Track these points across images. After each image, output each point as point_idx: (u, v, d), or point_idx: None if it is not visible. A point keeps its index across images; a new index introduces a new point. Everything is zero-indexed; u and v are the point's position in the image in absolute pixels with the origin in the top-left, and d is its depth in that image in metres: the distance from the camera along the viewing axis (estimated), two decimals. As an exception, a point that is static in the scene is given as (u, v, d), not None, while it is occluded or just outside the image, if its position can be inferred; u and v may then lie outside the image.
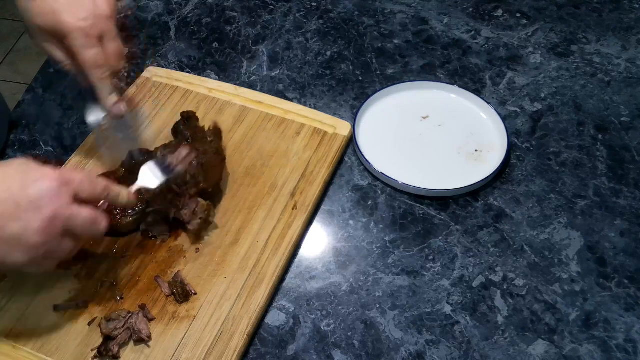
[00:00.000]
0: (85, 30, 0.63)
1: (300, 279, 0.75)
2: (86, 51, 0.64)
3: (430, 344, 0.69)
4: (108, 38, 0.66)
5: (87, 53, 0.64)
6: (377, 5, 1.09)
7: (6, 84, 2.26)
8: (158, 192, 0.75)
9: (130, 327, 0.68)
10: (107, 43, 0.66)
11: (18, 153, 0.90)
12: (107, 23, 0.65)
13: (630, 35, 1.02)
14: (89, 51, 0.64)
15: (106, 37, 0.65)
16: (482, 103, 0.90)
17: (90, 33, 0.63)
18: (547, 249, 0.77)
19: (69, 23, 0.63)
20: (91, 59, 0.65)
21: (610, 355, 0.68)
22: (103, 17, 0.64)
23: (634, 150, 0.86)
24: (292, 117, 0.89)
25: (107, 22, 0.65)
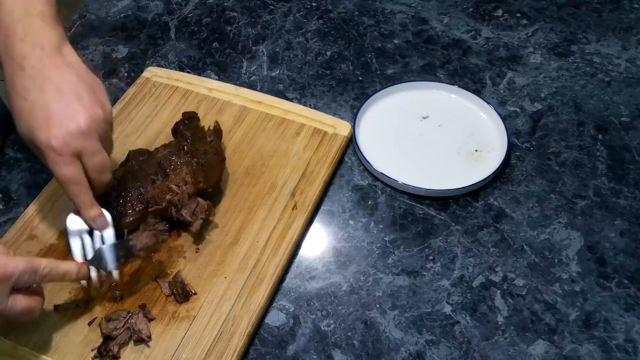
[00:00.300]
0: (56, 148, 0.61)
1: (300, 279, 0.75)
2: (57, 169, 0.63)
3: (430, 344, 0.69)
4: (86, 153, 0.63)
5: (59, 170, 0.63)
6: (377, 5, 1.09)
7: (6, 84, 2.26)
8: (157, 192, 0.75)
9: (130, 327, 0.68)
10: (87, 159, 0.63)
11: (18, 153, 0.90)
12: (84, 139, 0.62)
13: (630, 35, 1.02)
14: (60, 169, 0.62)
15: (84, 153, 0.63)
16: (482, 103, 0.90)
17: (62, 151, 0.61)
18: (547, 249, 0.77)
19: (42, 142, 0.61)
20: (63, 177, 0.63)
21: (610, 355, 0.68)
22: (78, 134, 0.62)
23: (634, 150, 0.86)
24: (292, 117, 0.89)
25: (84, 138, 0.62)
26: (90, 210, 0.66)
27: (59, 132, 0.61)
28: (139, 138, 0.87)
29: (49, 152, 0.62)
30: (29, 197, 0.83)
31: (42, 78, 0.62)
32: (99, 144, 0.64)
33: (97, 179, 0.65)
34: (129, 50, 1.03)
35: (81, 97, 0.63)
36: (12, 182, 0.86)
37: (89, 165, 0.64)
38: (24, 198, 0.84)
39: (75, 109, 0.62)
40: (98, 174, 0.65)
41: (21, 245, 0.76)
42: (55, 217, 0.79)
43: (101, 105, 0.65)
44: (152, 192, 0.75)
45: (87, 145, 0.63)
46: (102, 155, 0.65)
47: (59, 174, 0.63)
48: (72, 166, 0.63)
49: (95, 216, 0.67)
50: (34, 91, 0.62)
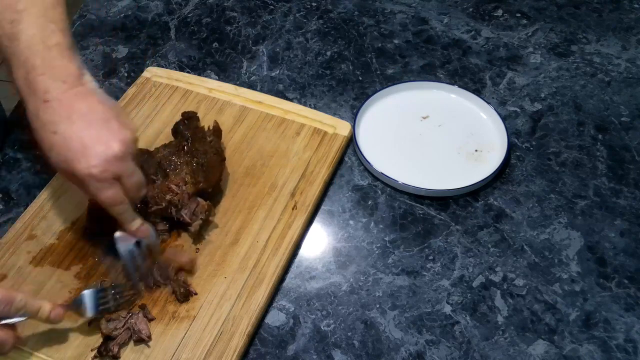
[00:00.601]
0: (97, 176, 0.64)
1: (300, 279, 0.75)
2: (101, 194, 0.65)
3: (430, 344, 0.69)
4: (124, 176, 0.66)
5: (102, 195, 0.65)
6: (377, 5, 1.09)
7: (6, 84, 2.26)
8: (157, 192, 0.75)
9: (130, 327, 0.68)
10: (124, 180, 0.66)
11: (18, 153, 0.90)
12: (120, 163, 0.65)
13: (630, 35, 1.02)
14: (103, 194, 0.65)
15: (122, 175, 0.66)
16: (482, 103, 0.90)
17: (102, 178, 0.64)
18: (547, 249, 0.77)
19: (81, 171, 0.63)
20: (107, 200, 0.66)
21: (610, 355, 0.68)
22: (114, 159, 0.64)
23: (634, 150, 0.86)
24: (292, 117, 0.89)
25: (120, 162, 0.65)
26: (134, 224, 0.69)
27: (96, 160, 0.63)
28: (139, 138, 0.87)
29: (90, 181, 0.64)
30: (29, 197, 0.83)
31: (68, 110, 0.64)
32: (133, 165, 0.67)
33: (135, 196, 0.69)
34: (129, 50, 1.03)
35: (109, 123, 0.65)
36: (12, 182, 0.86)
37: (127, 185, 0.66)
38: (24, 198, 0.84)
39: (108, 136, 0.64)
40: (136, 192, 0.68)
41: (21, 245, 0.76)
42: (55, 217, 0.79)
43: (127, 127, 0.67)
44: (152, 192, 0.75)
45: (124, 169, 0.65)
46: (138, 175, 0.68)
47: (102, 199, 0.65)
48: (112, 189, 0.65)
49: (139, 227, 0.70)
50: (63, 123, 0.64)
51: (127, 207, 0.68)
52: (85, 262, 0.75)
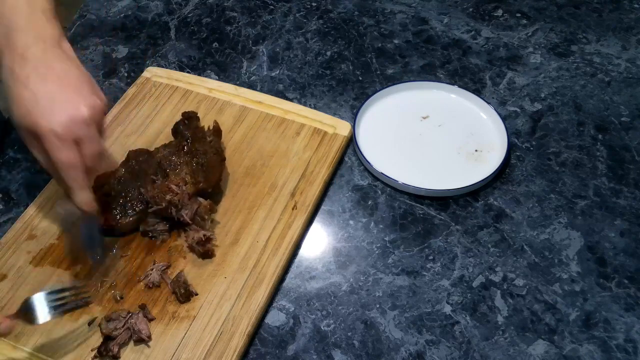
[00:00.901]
0: (58, 134, 0.63)
1: (300, 279, 0.75)
2: (57, 153, 0.64)
3: (430, 344, 0.69)
4: (85, 141, 0.65)
5: (59, 154, 0.64)
6: (377, 5, 1.09)
7: (6, 84, 2.26)
8: (157, 192, 0.75)
9: (130, 327, 0.68)
10: (85, 146, 0.65)
11: (18, 153, 0.90)
12: (85, 127, 0.65)
13: (630, 35, 1.02)
14: (59, 153, 0.64)
15: (83, 140, 0.65)
16: (482, 103, 0.90)
17: (64, 136, 0.63)
18: (547, 249, 0.77)
19: (43, 126, 0.63)
20: (62, 161, 0.65)
21: (610, 355, 0.68)
22: (80, 122, 0.64)
23: (634, 150, 0.86)
24: (292, 117, 0.89)
25: (85, 126, 0.65)
26: (83, 194, 0.68)
27: (62, 118, 0.63)
28: (139, 138, 0.87)
29: (50, 137, 0.63)
30: (29, 197, 0.83)
31: (45, 68, 0.65)
32: (97, 133, 0.67)
33: (92, 166, 0.67)
34: (129, 50, 1.03)
35: (82, 89, 0.66)
36: (12, 182, 0.86)
37: (86, 152, 0.66)
38: (24, 198, 0.84)
39: (78, 99, 0.65)
40: (94, 162, 0.67)
41: (21, 245, 0.76)
42: (55, 217, 0.79)
43: (99, 97, 0.68)
44: (152, 192, 0.75)
45: (87, 133, 0.65)
46: (99, 144, 0.67)
47: (58, 158, 0.64)
48: (71, 151, 0.64)
49: (88, 201, 0.68)
50: (36, 80, 0.64)
51: (81, 174, 0.66)
52: (85, 262, 0.75)
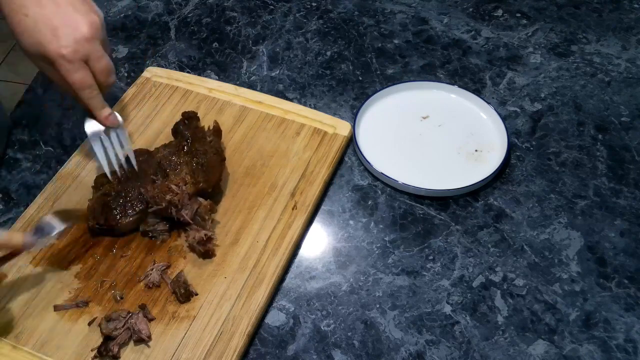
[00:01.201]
0: (67, 56, 0.67)
1: (300, 279, 0.75)
2: (71, 75, 0.68)
3: (430, 344, 0.69)
4: (93, 58, 0.69)
5: (72, 77, 0.68)
6: (377, 5, 1.09)
7: (6, 84, 2.26)
8: (157, 192, 0.75)
9: (130, 327, 0.68)
10: (93, 63, 0.69)
11: (18, 153, 0.90)
12: (89, 45, 0.68)
13: (630, 35, 1.02)
14: (73, 75, 0.68)
15: (91, 58, 0.69)
16: (482, 103, 0.90)
17: (72, 58, 0.67)
18: (547, 249, 0.77)
19: (52, 52, 0.67)
20: (77, 82, 0.69)
21: (610, 355, 0.68)
22: (84, 41, 0.67)
23: (634, 150, 0.86)
24: (292, 117, 0.89)
25: (89, 44, 0.68)
26: (103, 111, 0.73)
27: (67, 41, 0.67)
28: (139, 138, 0.87)
29: (60, 61, 0.67)
30: (29, 197, 0.83)
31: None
32: (101, 48, 0.70)
33: (105, 82, 0.72)
34: (129, 50, 1.03)
35: (76, 7, 0.69)
36: (12, 182, 0.86)
37: (96, 68, 0.70)
38: (24, 198, 0.84)
39: (76, 19, 0.68)
40: (105, 77, 0.71)
41: (21, 245, 0.76)
42: (55, 217, 0.79)
43: (95, 12, 0.71)
44: (151, 192, 0.75)
45: (93, 50, 0.68)
46: (106, 58, 0.70)
47: (72, 80, 0.68)
48: (82, 71, 0.68)
49: (107, 115, 0.73)
50: (33, 7, 0.67)
51: (96, 93, 0.71)
52: (85, 262, 0.75)
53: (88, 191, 0.80)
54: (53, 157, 0.89)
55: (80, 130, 0.91)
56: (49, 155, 0.89)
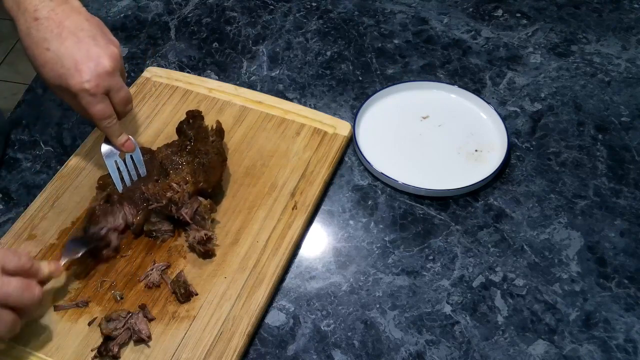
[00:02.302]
0: (90, 90, 0.69)
1: (300, 279, 0.75)
2: (92, 108, 0.70)
3: (430, 344, 0.69)
4: (113, 90, 0.71)
5: (93, 109, 0.71)
6: (377, 5, 1.09)
7: (6, 84, 2.26)
8: (158, 190, 0.75)
9: (130, 327, 0.68)
10: (113, 94, 0.71)
11: (18, 153, 0.90)
12: (110, 79, 0.70)
13: (630, 35, 1.02)
14: (94, 107, 0.70)
15: (112, 90, 0.71)
16: (482, 103, 0.90)
17: (94, 92, 0.69)
18: (547, 249, 0.77)
19: (75, 86, 0.68)
20: (98, 114, 0.71)
21: (610, 355, 0.68)
22: (105, 75, 0.69)
23: (634, 150, 0.86)
24: (292, 117, 0.89)
25: (110, 77, 0.70)
26: (120, 138, 0.75)
27: (89, 76, 0.68)
28: (139, 138, 0.87)
29: (83, 95, 0.69)
30: (29, 197, 0.83)
31: (58, 27, 0.69)
32: (121, 80, 0.72)
33: (123, 111, 0.74)
34: (129, 50, 1.03)
35: (97, 40, 0.70)
36: (12, 182, 0.86)
37: (116, 100, 0.72)
38: (24, 198, 0.84)
39: (98, 52, 0.70)
40: (124, 106, 0.74)
41: (21, 245, 0.76)
42: (55, 217, 0.79)
43: (113, 44, 0.73)
44: (152, 189, 0.75)
45: (113, 83, 0.71)
46: (125, 89, 0.73)
47: (94, 112, 0.71)
48: (103, 103, 0.71)
49: (124, 141, 0.76)
50: (54, 41, 0.68)
51: (115, 121, 0.73)
52: (85, 262, 0.75)
53: (88, 191, 0.81)
54: (53, 157, 0.89)
55: (81, 131, 0.92)
56: (49, 155, 0.89)
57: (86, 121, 0.93)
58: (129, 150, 0.77)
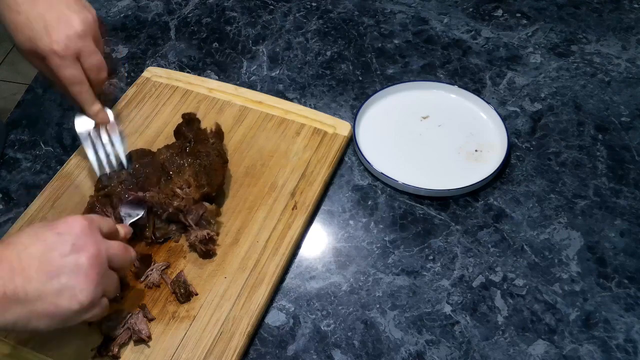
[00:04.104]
0: (59, 52, 0.68)
1: (300, 279, 0.75)
2: (62, 71, 0.69)
3: (430, 344, 0.69)
4: (84, 54, 0.70)
5: (63, 72, 0.70)
6: (377, 5, 1.09)
7: (6, 84, 2.26)
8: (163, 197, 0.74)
9: (130, 327, 0.68)
10: (85, 59, 0.70)
11: (18, 153, 0.90)
12: (81, 41, 0.69)
13: (630, 35, 1.02)
14: (64, 71, 0.69)
15: (82, 54, 0.70)
16: (482, 103, 0.90)
17: (64, 54, 0.68)
18: (547, 249, 0.77)
19: (44, 48, 0.68)
20: (68, 77, 0.70)
21: (610, 355, 0.68)
22: (75, 37, 0.69)
23: (634, 150, 0.86)
24: (292, 117, 0.89)
25: (81, 40, 0.69)
26: (93, 107, 0.74)
27: (58, 37, 0.68)
28: (139, 138, 0.87)
29: (52, 57, 0.68)
30: (29, 197, 0.83)
31: None
32: (93, 45, 0.71)
33: (96, 78, 0.72)
34: (129, 50, 1.03)
35: (69, 5, 0.70)
36: (12, 182, 0.86)
37: (87, 65, 0.71)
38: (24, 198, 0.84)
39: (69, 15, 0.69)
40: (96, 73, 0.72)
41: (21, 245, 0.76)
42: (55, 217, 0.79)
43: (88, 9, 0.72)
44: (157, 197, 0.74)
45: (84, 46, 0.70)
46: (98, 55, 0.71)
47: (63, 76, 0.70)
48: (74, 67, 0.70)
49: (98, 111, 0.74)
50: (26, 4, 0.69)
51: (87, 88, 0.72)
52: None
53: (88, 191, 0.80)
54: (53, 157, 0.89)
55: (80, 130, 0.92)
56: (49, 155, 0.89)
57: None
58: (103, 121, 0.75)
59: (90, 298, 0.57)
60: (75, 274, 0.56)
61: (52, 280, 0.55)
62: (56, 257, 0.56)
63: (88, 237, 0.58)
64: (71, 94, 0.72)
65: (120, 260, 0.62)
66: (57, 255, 0.56)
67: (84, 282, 0.57)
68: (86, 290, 0.57)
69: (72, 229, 0.58)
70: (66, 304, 0.56)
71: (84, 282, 0.57)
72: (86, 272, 0.57)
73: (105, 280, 0.60)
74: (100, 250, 0.59)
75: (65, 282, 0.56)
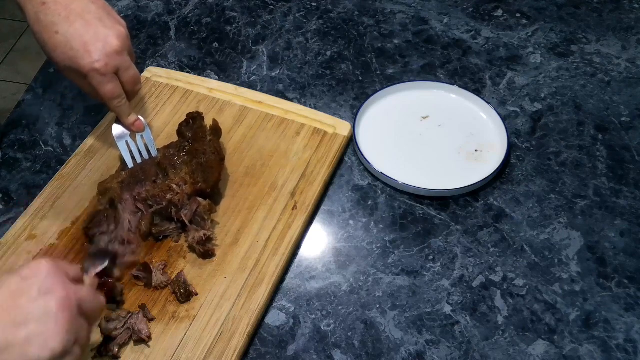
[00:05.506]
0: (100, 70, 0.70)
1: (300, 279, 0.75)
2: (103, 88, 0.72)
3: (430, 344, 0.69)
4: (122, 69, 0.73)
5: (103, 89, 0.72)
6: (377, 5, 1.09)
7: (6, 84, 2.26)
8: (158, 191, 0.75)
9: (130, 327, 0.68)
10: (122, 74, 0.73)
11: (18, 153, 0.90)
12: (119, 57, 0.72)
13: (630, 35, 1.02)
14: (105, 87, 0.72)
15: (121, 69, 0.72)
16: (482, 103, 0.90)
17: (104, 72, 0.71)
18: (547, 249, 0.77)
19: (85, 67, 0.70)
20: (108, 93, 0.73)
21: (610, 355, 0.68)
22: (114, 54, 0.71)
23: (634, 150, 0.86)
24: (292, 117, 0.89)
25: (119, 56, 0.72)
26: (130, 118, 0.78)
27: (98, 56, 0.70)
28: (139, 138, 0.87)
29: (94, 75, 0.71)
30: (29, 197, 0.83)
31: (65, 10, 0.70)
32: (129, 59, 0.74)
33: (132, 90, 0.76)
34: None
35: (104, 21, 0.72)
36: (12, 182, 0.86)
37: (125, 79, 0.74)
38: (24, 198, 0.84)
39: (105, 33, 0.71)
40: (133, 85, 0.75)
41: (21, 245, 0.76)
42: (55, 217, 0.79)
43: (120, 24, 0.74)
44: (152, 191, 0.75)
45: (122, 61, 0.72)
46: (133, 69, 0.75)
47: (104, 92, 0.73)
48: (113, 83, 0.73)
49: (134, 121, 0.79)
50: (62, 24, 0.70)
51: (124, 101, 0.75)
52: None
53: (88, 191, 0.81)
54: (53, 157, 0.89)
55: (81, 131, 0.92)
56: (49, 155, 0.89)
57: (86, 121, 0.93)
58: (138, 130, 0.79)
59: (63, 345, 0.52)
60: (44, 320, 0.52)
61: (20, 328, 0.51)
62: (23, 303, 0.52)
63: (55, 279, 0.54)
64: (110, 107, 0.75)
65: (90, 305, 0.57)
66: (24, 301, 0.52)
67: (54, 328, 0.52)
68: (57, 337, 0.52)
69: (37, 272, 0.54)
70: (36, 352, 0.51)
71: (54, 328, 0.52)
72: (56, 316, 0.52)
73: (76, 327, 0.54)
74: (69, 292, 0.54)
75: (34, 329, 0.51)
